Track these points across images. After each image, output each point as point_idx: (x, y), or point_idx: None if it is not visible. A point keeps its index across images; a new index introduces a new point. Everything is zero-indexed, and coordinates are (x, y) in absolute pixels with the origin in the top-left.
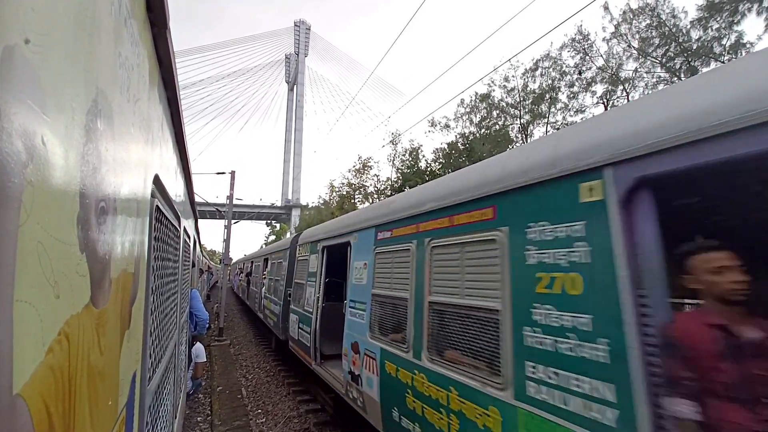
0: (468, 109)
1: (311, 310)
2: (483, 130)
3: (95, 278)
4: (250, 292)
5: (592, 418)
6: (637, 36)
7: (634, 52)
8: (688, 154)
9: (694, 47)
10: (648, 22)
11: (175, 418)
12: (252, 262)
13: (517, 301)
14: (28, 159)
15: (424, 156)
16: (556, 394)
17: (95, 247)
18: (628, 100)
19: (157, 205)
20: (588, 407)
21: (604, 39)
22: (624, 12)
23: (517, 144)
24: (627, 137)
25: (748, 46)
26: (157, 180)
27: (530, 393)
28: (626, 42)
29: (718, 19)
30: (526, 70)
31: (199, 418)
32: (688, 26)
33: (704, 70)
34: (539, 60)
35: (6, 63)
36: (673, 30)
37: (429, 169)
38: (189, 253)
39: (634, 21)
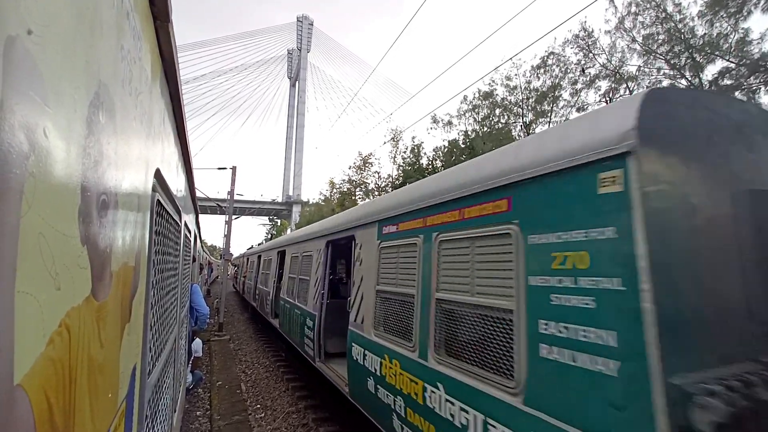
0: (471, 107)
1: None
2: (485, 128)
3: (96, 271)
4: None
5: None
6: (641, 32)
7: (638, 47)
8: None
9: (699, 44)
10: (653, 14)
11: (175, 411)
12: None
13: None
14: (29, 150)
15: (425, 153)
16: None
17: (96, 239)
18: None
19: (158, 200)
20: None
21: (606, 32)
22: (630, 3)
23: None
24: None
25: (754, 43)
26: (158, 174)
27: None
28: (630, 37)
29: (722, 14)
30: (531, 67)
31: (198, 413)
32: (695, 21)
33: (708, 67)
34: (545, 57)
35: (8, 53)
36: (679, 26)
37: (431, 166)
38: (190, 248)
39: (639, 17)
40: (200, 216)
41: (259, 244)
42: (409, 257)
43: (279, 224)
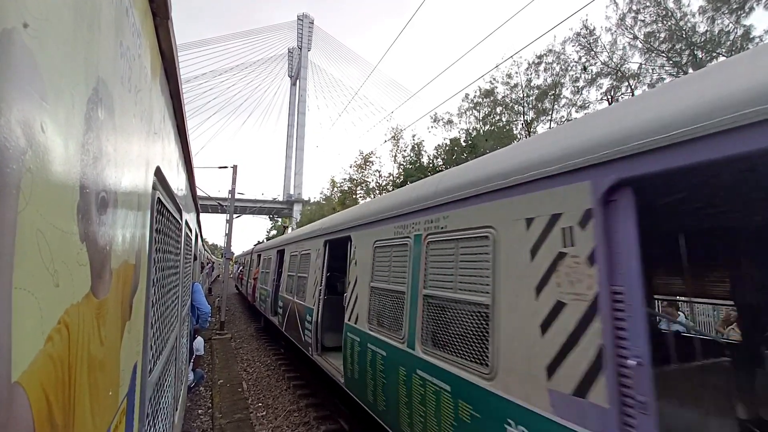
0: (472, 105)
1: None
2: (487, 127)
3: (96, 268)
4: None
5: None
6: (642, 30)
7: (639, 44)
8: None
9: (701, 40)
10: (653, 12)
11: (176, 410)
12: None
13: None
14: (27, 146)
15: (426, 151)
16: None
17: (96, 237)
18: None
19: (158, 197)
20: None
21: (607, 30)
22: (630, 0)
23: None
24: None
25: (756, 40)
26: (158, 172)
27: None
28: (631, 34)
29: (724, 11)
30: (529, 64)
31: (200, 411)
32: (696, 17)
33: (709, 64)
34: (543, 54)
35: (5, 47)
36: (680, 23)
37: (431, 165)
38: (191, 247)
39: (639, 14)
40: (201, 215)
41: (267, 239)
42: None
43: (280, 222)
